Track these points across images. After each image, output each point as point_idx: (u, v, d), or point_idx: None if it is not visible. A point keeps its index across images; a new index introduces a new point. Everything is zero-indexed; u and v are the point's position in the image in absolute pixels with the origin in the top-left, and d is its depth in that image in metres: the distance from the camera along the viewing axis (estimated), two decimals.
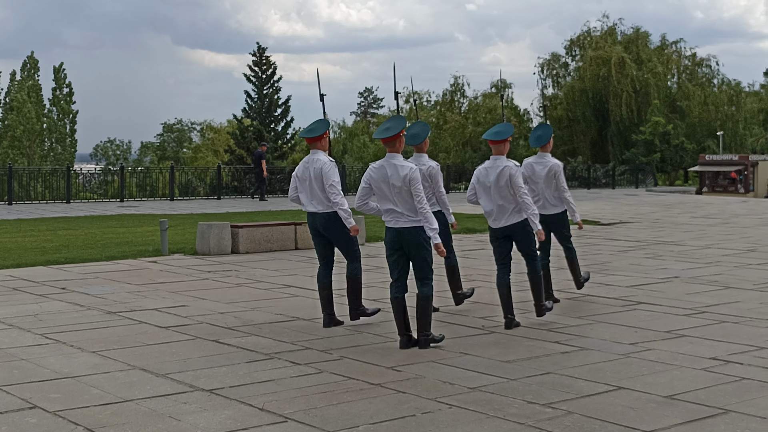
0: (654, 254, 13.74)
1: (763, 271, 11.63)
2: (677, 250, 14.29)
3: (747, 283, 10.58)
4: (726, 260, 12.91)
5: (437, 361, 6.53)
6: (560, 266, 10.09)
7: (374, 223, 18.37)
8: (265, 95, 46.03)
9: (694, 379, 6.00)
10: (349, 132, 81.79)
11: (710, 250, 14.26)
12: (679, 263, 12.60)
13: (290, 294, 9.72)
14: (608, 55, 58.61)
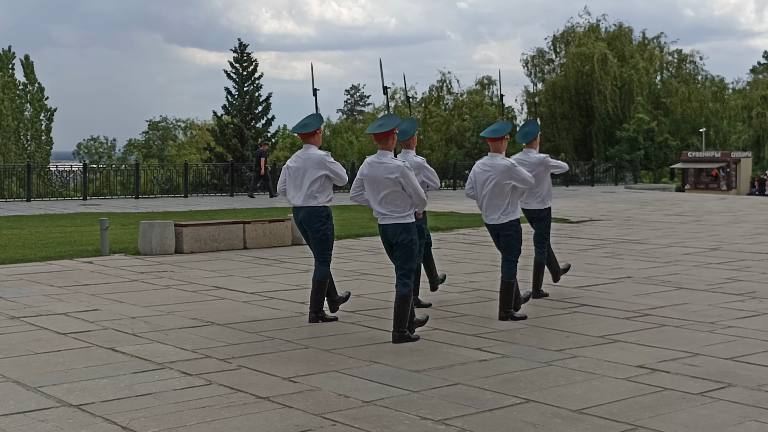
0: (613, 253, 13.30)
1: (720, 271, 11.20)
2: (639, 249, 13.86)
3: (701, 283, 10.15)
4: (686, 259, 12.48)
5: (342, 370, 6.06)
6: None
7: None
8: (246, 92, 45.39)
9: (612, 390, 5.55)
10: (332, 129, 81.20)
11: (673, 249, 13.84)
12: (637, 262, 12.17)
13: (217, 297, 9.23)
14: (591, 51, 58.31)
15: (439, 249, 13.65)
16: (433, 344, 6.94)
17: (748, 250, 13.63)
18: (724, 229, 17.59)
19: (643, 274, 10.94)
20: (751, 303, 8.80)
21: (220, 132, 45.05)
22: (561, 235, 15.95)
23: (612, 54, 60.35)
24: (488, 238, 13.82)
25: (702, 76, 64.31)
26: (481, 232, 15.65)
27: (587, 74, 59.17)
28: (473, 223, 17.43)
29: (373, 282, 10.31)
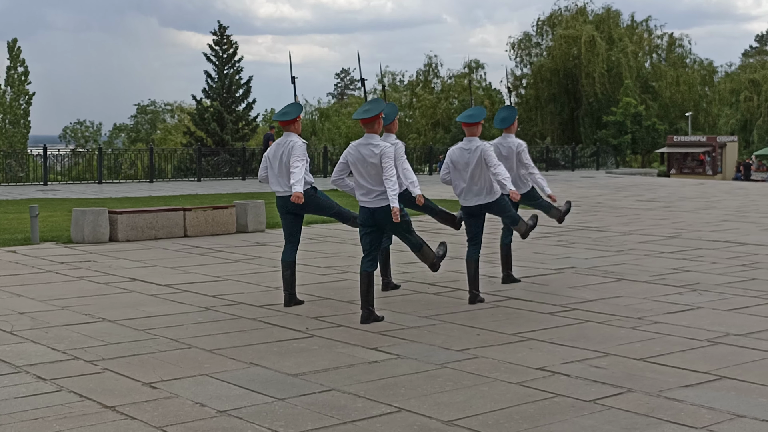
0: (566, 242, 12.84)
1: (670, 260, 10.74)
2: (595, 237, 13.40)
3: (644, 274, 9.68)
4: (639, 248, 12.02)
5: (213, 374, 5.58)
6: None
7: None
8: (225, 75, 44.72)
9: (498, 398, 5.07)
10: (321, 113, 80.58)
11: (630, 237, 13.38)
12: (587, 251, 11.71)
13: (125, 290, 8.73)
14: (578, 33, 57.52)
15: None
16: (329, 343, 6.46)
17: (707, 238, 13.17)
18: (691, 215, 17.12)
19: (588, 264, 10.48)
20: (689, 296, 8.34)
21: (199, 116, 44.43)
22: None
23: (600, 37, 59.64)
24: (436, 226, 13.41)
25: (691, 60, 63.65)
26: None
27: (575, 57, 58.45)
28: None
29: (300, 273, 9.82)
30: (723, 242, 12.56)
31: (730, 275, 9.57)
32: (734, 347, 6.31)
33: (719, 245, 12.22)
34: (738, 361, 5.89)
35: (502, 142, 8.77)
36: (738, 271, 9.89)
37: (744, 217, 16.79)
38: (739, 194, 23.77)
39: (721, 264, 10.42)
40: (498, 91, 70.20)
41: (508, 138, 8.79)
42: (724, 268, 10.12)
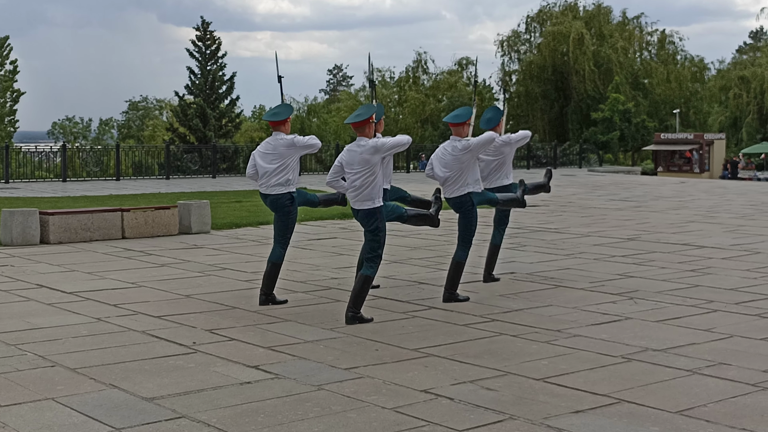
0: (518, 244, 12.35)
1: (618, 265, 10.26)
2: (549, 239, 12.91)
3: (585, 281, 9.19)
4: (592, 251, 11.54)
5: (60, 398, 5.07)
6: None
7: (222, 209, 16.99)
8: (208, 71, 44.13)
9: (362, 426, 4.59)
10: (309, 109, 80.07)
11: (587, 239, 12.89)
12: (536, 255, 11.22)
13: (26, 297, 8.23)
14: (567, 30, 57.01)
15: (321, 240, 12.70)
16: (209, 360, 5.96)
17: (666, 240, 12.68)
18: (658, 216, 16.63)
19: (530, 269, 9.99)
20: (623, 305, 7.85)
21: (182, 112, 43.86)
22: (481, 224, 14.96)
23: (590, 33, 59.13)
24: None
25: (682, 57, 63.10)
26: None
27: (563, 54, 57.96)
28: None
29: (221, 279, 9.33)
30: (680, 245, 12.07)
31: (674, 281, 9.08)
32: (647, 364, 5.82)
33: (675, 248, 11.73)
34: (645, 381, 5.41)
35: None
36: (684, 277, 9.40)
37: (712, 217, 16.30)
38: (717, 193, 23.30)
39: (669, 269, 9.93)
40: (490, 87, 69.80)
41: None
42: (671, 273, 9.64)
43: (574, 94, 58.87)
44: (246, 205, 17.90)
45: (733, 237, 13.02)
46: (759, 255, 11.05)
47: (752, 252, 11.33)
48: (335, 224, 14.84)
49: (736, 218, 16.14)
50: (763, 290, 8.58)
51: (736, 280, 9.17)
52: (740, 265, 10.17)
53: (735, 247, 11.86)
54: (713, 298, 8.17)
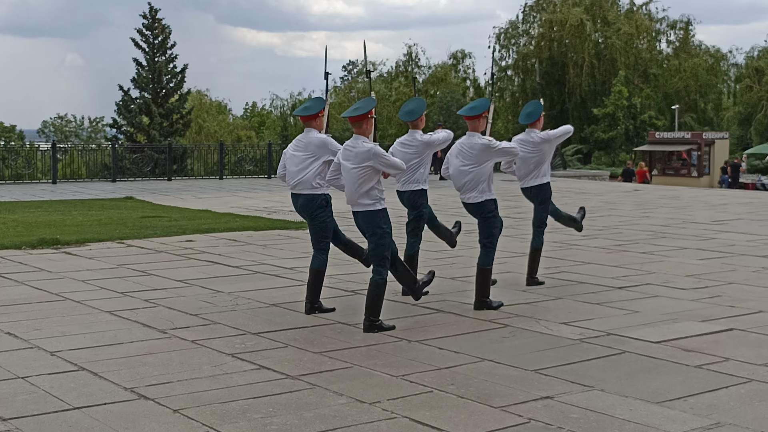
0: None
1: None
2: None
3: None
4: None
5: None
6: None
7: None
8: (155, 64, 43.16)
9: None
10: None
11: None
12: None
13: None
14: (565, 17, 55.99)
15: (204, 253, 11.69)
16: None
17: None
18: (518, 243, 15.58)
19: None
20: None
21: (125, 107, 42.87)
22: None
23: (591, 21, 58.10)
24: (251, 242, 11.96)
25: (695, 45, 61.92)
26: (256, 236, 13.72)
27: (561, 43, 56.96)
28: (256, 224, 15.39)
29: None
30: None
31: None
32: None
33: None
34: None
35: (526, 138, 9.06)
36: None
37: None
38: (676, 206, 22.16)
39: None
40: (488, 83, 68.81)
41: (533, 133, 9.08)
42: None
43: (575, 88, 57.84)
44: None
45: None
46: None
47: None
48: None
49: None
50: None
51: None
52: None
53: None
54: None
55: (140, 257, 11.22)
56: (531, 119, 9.08)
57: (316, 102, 7.78)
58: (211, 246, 12.30)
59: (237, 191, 23.43)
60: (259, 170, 31.27)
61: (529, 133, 9.12)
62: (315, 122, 7.68)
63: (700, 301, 8.41)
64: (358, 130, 7.10)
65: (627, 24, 58.81)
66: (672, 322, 7.47)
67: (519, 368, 6.02)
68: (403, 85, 69.16)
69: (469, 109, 7.99)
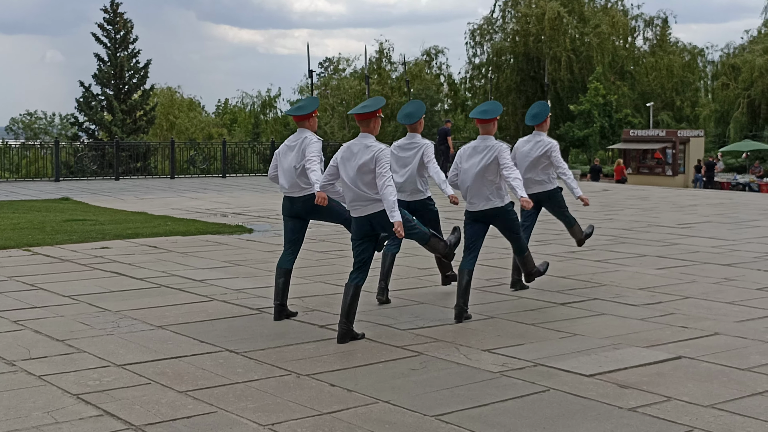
0: None
1: None
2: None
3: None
4: None
5: None
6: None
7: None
8: (118, 59, 41.92)
9: None
10: (262, 104, 78.08)
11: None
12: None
13: None
14: (542, 11, 55.01)
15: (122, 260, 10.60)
16: None
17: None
18: None
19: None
20: None
21: (86, 104, 41.62)
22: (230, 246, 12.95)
23: (568, 15, 57.24)
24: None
25: (672, 43, 61.26)
26: (175, 242, 12.68)
27: (538, 38, 56.01)
28: (187, 228, 14.34)
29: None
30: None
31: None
32: None
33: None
34: None
35: (532, 140, 8.83)
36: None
37: None
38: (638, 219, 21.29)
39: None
40: (464, 80, 68.13)
41: (540, 135, 8.83)
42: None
43: (551, 84, 56.93)
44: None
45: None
46: None
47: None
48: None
49: None
50: None
51: None
52: None
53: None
54: None
55: (39, 267, 10.13)
56: (538, 120, 8.86)
57: (309, 101, 7.53)
58: (126, 254, 11.22)
59: (185, 191, 22.30)
60: (213, 169, 30.12)
61: (536, 135, 8.86)
62: (308, 122, 7.44)
63: (650, 321, 7.45)
64: (366, 128, 6.75)
65: (604, 20, 58.01)
66: (612, 348, 6.48)
67: (417, 413, 5.01)
68: (375, 83, 68.18)
69: (481, 112, 7.66)
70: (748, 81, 49.15)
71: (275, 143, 29.24)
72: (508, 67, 58.72)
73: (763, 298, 8.41)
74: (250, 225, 14.65)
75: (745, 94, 49.03)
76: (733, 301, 8.26)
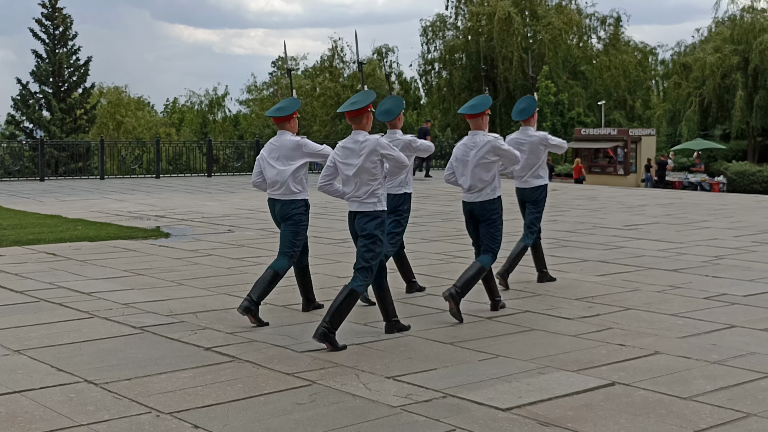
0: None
1: None
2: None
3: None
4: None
5: None
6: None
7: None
8: (56, 56, 40.45)
9: None
10: (211, 103, 76.66)
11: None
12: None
13: None
14: (492, 10, 54.41)
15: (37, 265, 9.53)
16: None
17: None
18: None
19: None
20: None
21: (23, 102, 40.12)
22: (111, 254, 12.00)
23: (520, 14, 56.73)
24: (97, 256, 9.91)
25: (624, 42, 61.04)
26: (104, 247, 11.66)
27: (489, 37, 55.41)
28: (97, 233, 13.32)
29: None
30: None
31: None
32: None
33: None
34: None
35: (521, 136, 8.78)
36: None
37: None
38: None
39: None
40: (414, 78, 67.48)
41: (528, 131, 8.77)
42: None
43: (503, 83, 56.42)
44: None
45: None
46: None
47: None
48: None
49: None
50: None
51: None
52: None
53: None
54: None
55: None
56: (525, 115, 8.74)
57: (290, 102, 7.34)
58: (18, 262, 10.15)
59: (111, 193, 21.15)
60: (147, 170, 28.98)
61: (524, 131, 8.80)
62: (289, 124, 7.28)
63: (584, 337, 6.61)
64: (358, 126, 6.54)
65: (557, 18, 57.59)
66: (537, 373, 5.62)
67: None
68: (327, 80, 67.20)
69: (470, 107, 7.52)
70: (700, 80, 48.94)
71: (260, 142, 28.15)
72: (461, 65, 58.08)
73: (709, 309, 7.64)
74: (169, 229, 13.63)
75: (696, 92, 48.80)
76: (677, 313, 7.48)
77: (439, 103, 61.34)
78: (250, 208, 17.17)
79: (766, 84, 47.25)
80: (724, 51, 48.93)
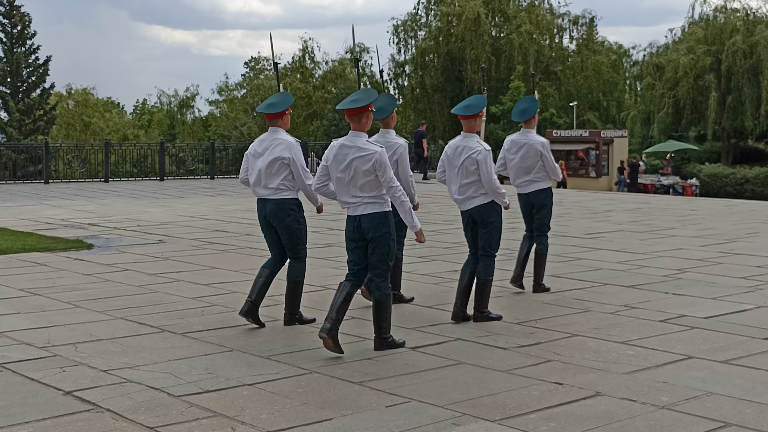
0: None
1: None
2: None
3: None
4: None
5: None
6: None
7: None
8: (14, 55, 39.28)
9: None
10: (180, 103, 75.40)
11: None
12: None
13: None
14: (461, 11, 53.68)
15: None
16: None
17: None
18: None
19: None
20: None
21: None
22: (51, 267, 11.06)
23: (490, 15, 56.03)
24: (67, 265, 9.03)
25: (598, 42, 60.50)
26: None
27: (459, 38, 54.66)
28: (13, 246, 12.33)
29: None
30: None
31: None
32: None
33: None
34: None
35: (520, 138, 8.49)
36: None
37: None
38: None
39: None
40: (384, 79, 66.53)
41: (529, 133, 8.47)
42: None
43: (473, 84, 55.69)
44: None
45: None
46: None
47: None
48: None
49: None
50: None
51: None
52: None
53: None
54: None
55: None
56: (526, 116, 8.42)
57: (282, 98, 7.12)
58: None
59: (51, 198, 20.09)
60: (94, 174, 27.79)
61: (524, 133, 8.49)
62: (281, 120, 7.04)
63: (517, 373, 5.72)
64: (357, 125, 6.25)
65: (527, 19, 56.93)
66: (451, 425, 4.73)
67: None
68: (298, 81, 66.22)
69: (464, 107, 7.24)
70: (673, 81, 48.36)
71: (215, 144, 27.19)
72: (433, 66, 57.31)
73: (664, 335, 6.78)
74: (95, 239, 12.64)
75: (669, 93, 48.20)
76: (628, 340, 6.61)
77: (411, 103, 60.49)
78: (192, 215, 16.19)
79: (739, 85, 46.76)
80: (698, 52, 48.41)
